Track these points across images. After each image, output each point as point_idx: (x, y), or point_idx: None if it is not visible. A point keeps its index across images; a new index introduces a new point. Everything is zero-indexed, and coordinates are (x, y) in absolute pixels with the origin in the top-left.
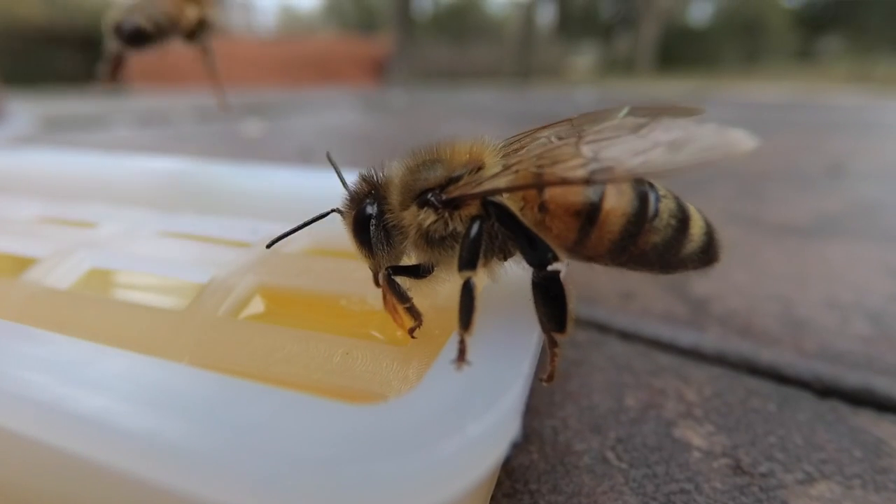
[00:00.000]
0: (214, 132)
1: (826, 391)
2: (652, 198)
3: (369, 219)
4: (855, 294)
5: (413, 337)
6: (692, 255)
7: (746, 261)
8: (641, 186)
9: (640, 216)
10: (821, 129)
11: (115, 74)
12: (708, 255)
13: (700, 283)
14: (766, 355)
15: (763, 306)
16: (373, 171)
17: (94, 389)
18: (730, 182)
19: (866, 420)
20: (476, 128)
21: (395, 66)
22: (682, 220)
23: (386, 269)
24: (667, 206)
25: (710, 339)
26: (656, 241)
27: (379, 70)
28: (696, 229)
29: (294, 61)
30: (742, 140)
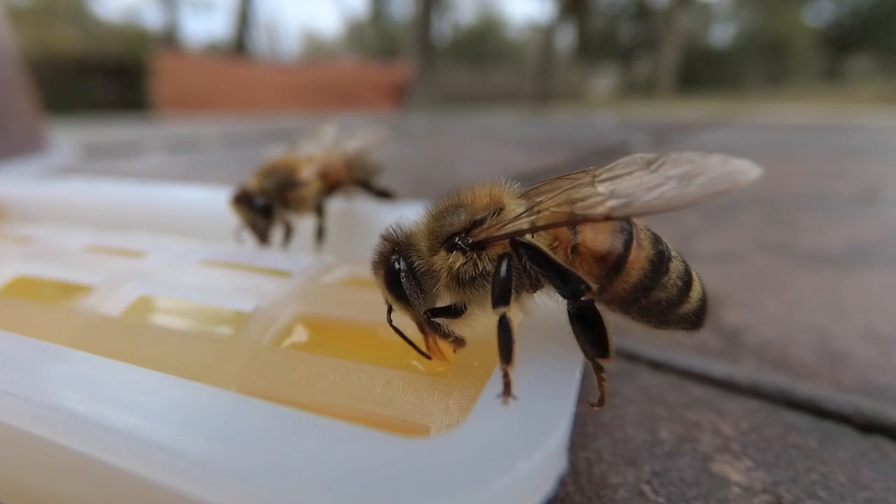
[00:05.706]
0: (242, 158)
1: (868, 427)
2: (666, 257)
3: (398, 273)
4: (895, 326)
5: (455, 351)
6: (686, 316)
7: (779, 291)
8: (659, 245)
9: (656, 272)
10: (851, 152)
11: None
12: (698, 319)
13: (732, 312)
14: (804, 388)
15: (798, 338)
16: (391, 229)
17: (160, 420)
18: (758, 209)
19: None
20: (498, 156)
21: (416, 92)
22: (687, 282)
23: (425, 313)
24: (676, 267)
25: (744, 371)
26: (662, 297)
27: (400, 95)
28: (695, 294)
29: (316, 87)
30: (748, 169)
